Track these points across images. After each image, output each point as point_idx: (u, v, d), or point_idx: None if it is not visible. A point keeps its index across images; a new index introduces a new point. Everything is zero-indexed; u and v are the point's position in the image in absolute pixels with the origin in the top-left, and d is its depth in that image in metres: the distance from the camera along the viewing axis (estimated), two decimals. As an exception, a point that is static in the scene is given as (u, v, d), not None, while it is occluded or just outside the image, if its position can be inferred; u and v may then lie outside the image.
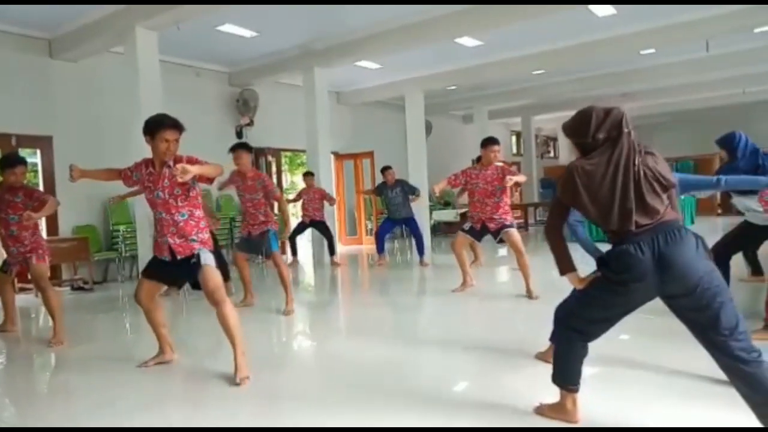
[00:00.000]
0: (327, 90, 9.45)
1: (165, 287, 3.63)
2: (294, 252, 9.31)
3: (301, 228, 8.76)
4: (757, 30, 8.83)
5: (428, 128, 13.36)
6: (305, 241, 11.09)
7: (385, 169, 8.57)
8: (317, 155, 9.14)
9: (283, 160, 11.89)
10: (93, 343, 4.57)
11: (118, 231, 7.91)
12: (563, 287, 2.55)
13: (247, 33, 8.05)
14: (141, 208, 6.55)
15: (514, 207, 8.69)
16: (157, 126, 3.25)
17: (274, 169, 10.81)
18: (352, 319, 5.43)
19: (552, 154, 21.52)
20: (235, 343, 3.28)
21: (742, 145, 4.18)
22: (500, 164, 5.61)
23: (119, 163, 3.98)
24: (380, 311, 5.58)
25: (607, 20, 8.14)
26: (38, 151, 7.64)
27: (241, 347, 3.28)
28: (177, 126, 3.28)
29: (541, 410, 2.55)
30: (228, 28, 7.77)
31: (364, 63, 10.02)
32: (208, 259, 3.32)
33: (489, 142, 5.55)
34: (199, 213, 3.39)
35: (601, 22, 8.20)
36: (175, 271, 3.42)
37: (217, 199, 9.38)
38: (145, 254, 6.55)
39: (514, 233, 5.43)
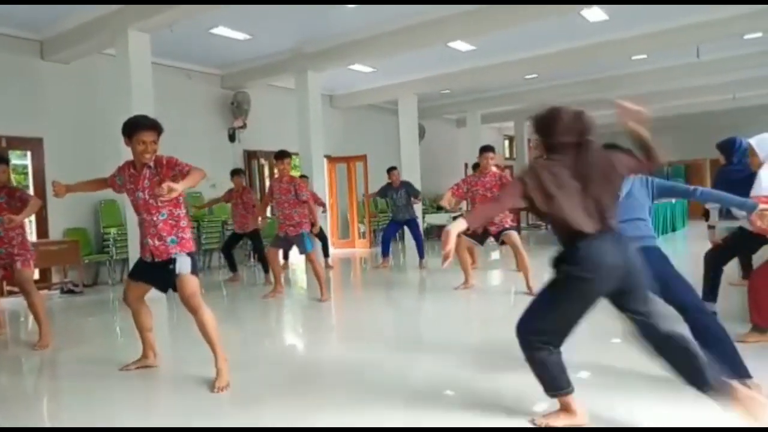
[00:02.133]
0: (320, 93, 9.44)
1: (151, 288, 3.57)
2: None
3: None
4: (747, 36, 8.91)
5: (421, 132, 13.36)
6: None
7: (390, 170, 8.60)
8: (310, 158, 9.13)
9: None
10: (81, 347, 4.52)
11: (109, 234, 7.86)
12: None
13: (239, 36, 8.04)
14: (132, 211, 6.50)
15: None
16: (134, 127, 3.21)
17: (267, 171, 10.78)
18: (346, 321, 5.42)
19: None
20: (215, 349, 3.25)
21: (741, 150, 4.18)
22: (495, 170, 5.92)
23: (111, 165, 3.95)
24: (375, 313, 5.56)
25: (599, 25, 8.20)
26: (28, 153, 7.59)
27: (221, 353, 3.26)
28: (155, 127, 3.24)
29: (546, 421, 2.46)
30: (221, 30, 7.76)
31: (357, 66, 10.03)
32: (183, 266, 3.27)
33: (484, 149, 5.91)
34: (179, 212, 3.34)
35: (593, 27, 8.26)
36: (156, 274, 3.38)
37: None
38: (135, 257, 6.48)
39: (514, 235, 5.76)
